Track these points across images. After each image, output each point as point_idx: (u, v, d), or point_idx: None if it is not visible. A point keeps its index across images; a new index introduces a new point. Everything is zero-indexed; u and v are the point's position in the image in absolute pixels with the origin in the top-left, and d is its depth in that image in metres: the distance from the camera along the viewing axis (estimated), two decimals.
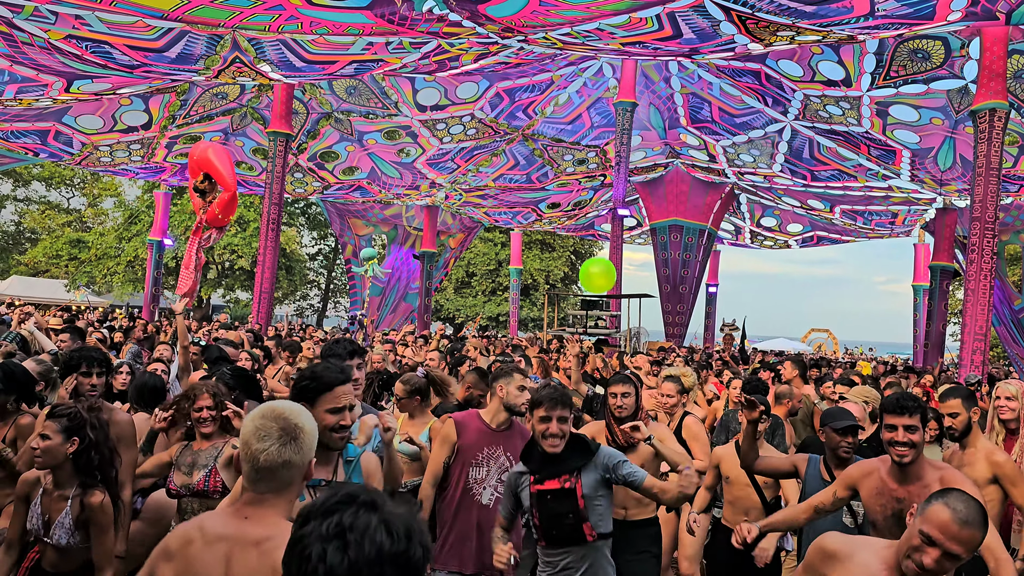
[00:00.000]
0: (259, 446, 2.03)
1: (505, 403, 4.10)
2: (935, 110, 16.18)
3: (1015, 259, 21.62)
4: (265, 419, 2.07)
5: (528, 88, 19.51)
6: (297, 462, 2.06)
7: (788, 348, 38.44)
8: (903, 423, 3.33)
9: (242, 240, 34.39)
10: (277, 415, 2.08)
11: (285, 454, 2.04)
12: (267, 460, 2.02)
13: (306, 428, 2.10)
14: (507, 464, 4.04)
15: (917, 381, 10.54)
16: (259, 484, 2.04)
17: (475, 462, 4.04)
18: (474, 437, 4.07)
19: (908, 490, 3.31)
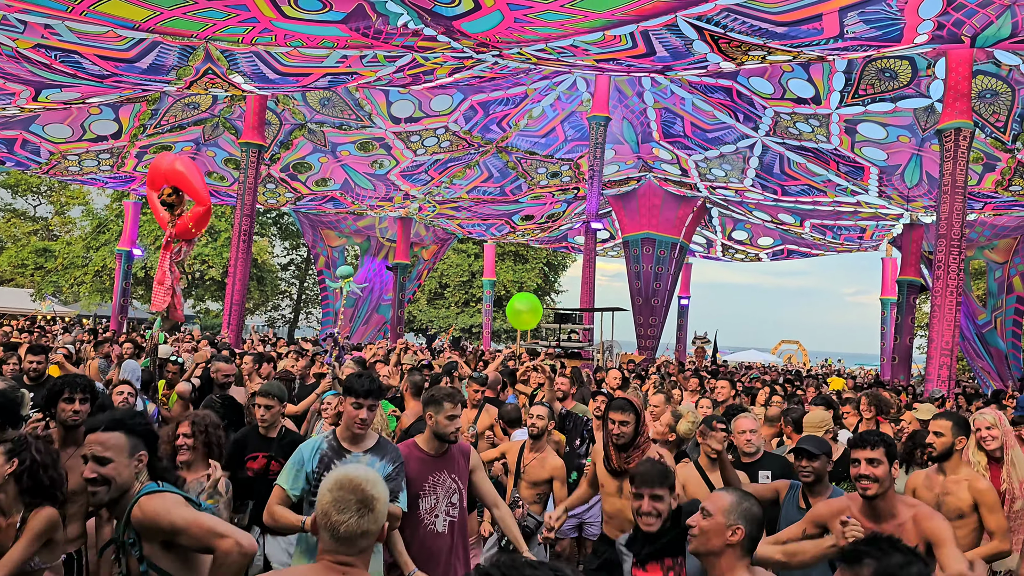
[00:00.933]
0: (339, 518, 2.16)
1: (435, 432, 4.00)
2: (902, 128, 16.47)
3: (979, 274, 22.03)
4: (343, 490, 2.19)
5: (502, 101, 19.58)
6: (374, 531, 2.21)
7: (758, 360, 38.85)
8: (865, 456, 3.36)
9: (213, 250, 34.05)
10: (355, 487, 2.20)
11: (364, 525, 2.18)
12: (347, 531, 2.16)
13: (381, 498, 2.23)
14: (454, 486, 3.97)
15: (897, 400, 10.68)
16: (339, 550, 2.19)
17: (422, 493, 3.94)
18: (417, 468, 3.96)
19: (883, 528, 3.29)
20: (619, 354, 19.98)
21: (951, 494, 4.15)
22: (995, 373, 20.98)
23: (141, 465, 2.75)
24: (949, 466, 4.32)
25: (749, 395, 9.72)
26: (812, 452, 4.14)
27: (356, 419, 3.66)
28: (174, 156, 7.74)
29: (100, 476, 2.66)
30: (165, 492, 2.75)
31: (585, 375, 10.67)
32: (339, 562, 2.18)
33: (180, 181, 7.36)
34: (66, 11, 11.26)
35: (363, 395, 3.67)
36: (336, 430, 3.76)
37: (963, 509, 4.09)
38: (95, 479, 2.65)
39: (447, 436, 3.98)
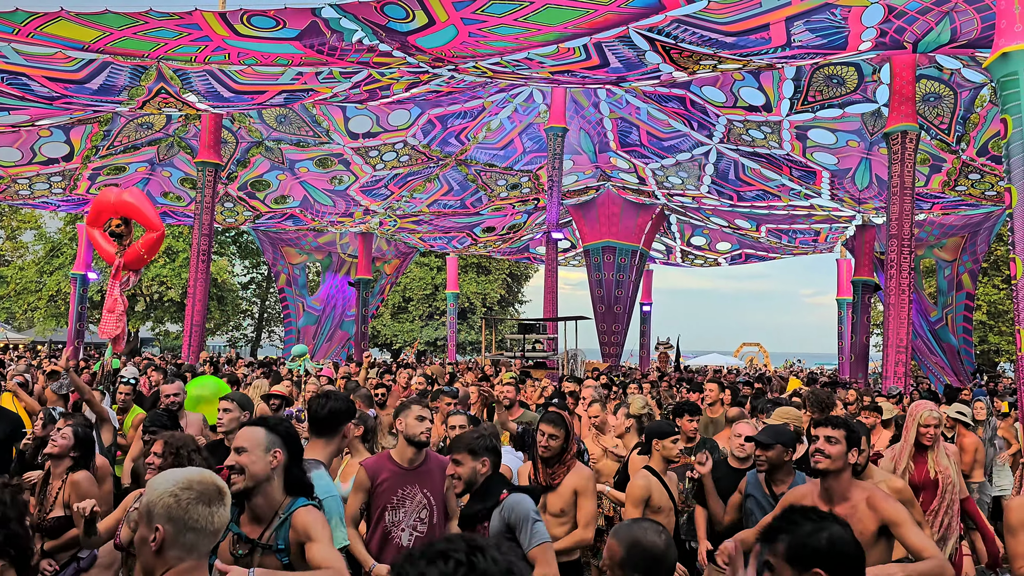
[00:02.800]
0: (209, 510, 2.12)
1: (405, 436, 4.01)
2: (851, 133, 16.88)
3: (930, 272, 22.61)
4: (202, 484, 2.13)
5: (460, 115, 19.65)
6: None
7: (721, 363, 39.31)
8: (824, 433, 3.52)
9: (171, 271, 33.54)
10: (210, 479, 2.19)
11: (227, 514, 2.20)
12: (220, 521, 2.14)
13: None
14: (424, 502, 3.96)
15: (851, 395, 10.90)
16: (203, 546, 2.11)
17: (391, 505, 3.94)
18: (388, 480, 3.96)
19: (835, 511, 3.43)
20: (584, 362, 20.11)
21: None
22: (949, 368, 21.51)
23: (276, 462, 2.88)
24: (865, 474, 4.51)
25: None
26: (764, 442, 4.31)
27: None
28: (118, 189, 7.82)
29: (236, 464, 2.86)
30: (316, 509, 2.96)
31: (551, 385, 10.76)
32: (192, 569, 2.05)
33: (130, 211, 7.40)
34: (12, 33, 11.10)
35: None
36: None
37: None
38: (233, 467, 2.86)
39: (416, 438, 3.98)
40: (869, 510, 3.39)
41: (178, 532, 2.02)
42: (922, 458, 4.96)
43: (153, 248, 7.47)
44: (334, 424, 3.56)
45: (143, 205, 7.40)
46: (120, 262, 7.34)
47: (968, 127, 15.70)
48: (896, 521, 3.35)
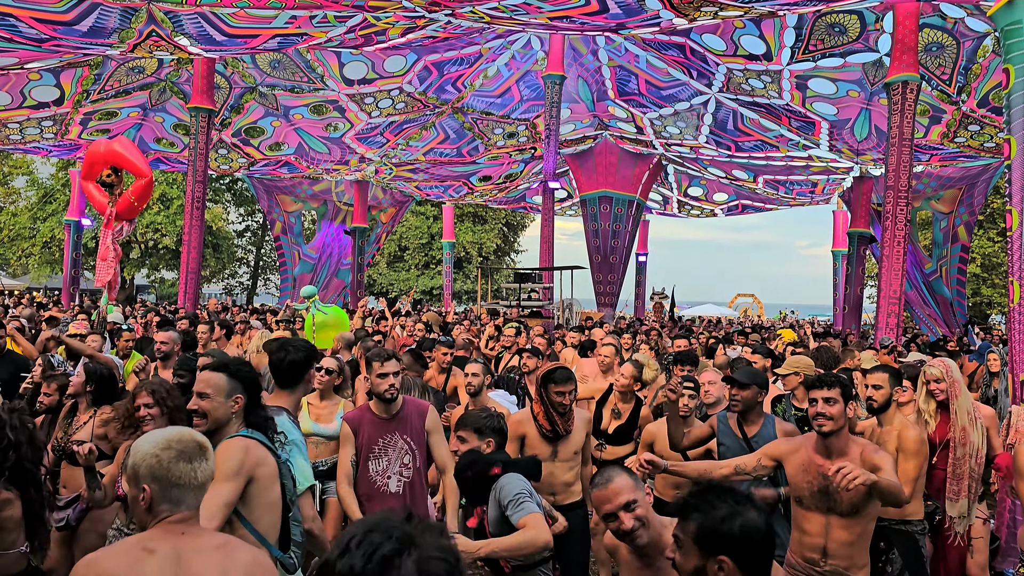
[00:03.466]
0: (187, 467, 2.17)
1: (372, 391, 4.09)
2: (851, 83, 16.71)
3: (926, 224, 22.61)
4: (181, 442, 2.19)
5: (457, 61, 19.38)
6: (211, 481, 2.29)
7: (715, 314, 39.52)
8: (822, 395, 3.55)
9: (166, 218, 33.39)
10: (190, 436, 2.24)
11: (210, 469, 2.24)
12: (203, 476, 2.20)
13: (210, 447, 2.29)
14: (406, 448, 4.02)
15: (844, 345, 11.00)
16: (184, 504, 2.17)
17: (372, 455, 4.01)
18: (368, 430, 4.03)
19: (834, 463, 3.46)
20: (579, 312, 20.21)
21: (883, 443, 4.36)
22: (941, 320, 21.68)
23: (237, 406, 2.92)
24: (886, 417, 4.54)
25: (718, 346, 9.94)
26: (741, 382, 4.38)
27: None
28: (106, 140, 7.85)
29: (199, 408, 2.91)
30: (249, 440, 2.93)
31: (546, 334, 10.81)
32: (180, 520, 2.14)
33: (119, 160, 7.41)
34: None
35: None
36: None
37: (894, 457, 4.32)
38: (196, 411, 2.91)
39: (381, 394, 4.03)
40: (863, 463, 3.45)
41: (164, 490, 2.12)
42: (945, 415, 4.95)
43: (143, 195, 7.49)
44: (297, 375, 3.62)
45: (131, 153, 7.44)
46: (112, 211, 7.35)
47: (969, 78, 15.55)
48: (878, 467, 3.42)
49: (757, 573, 1.99)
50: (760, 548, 1.98)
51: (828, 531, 3.48)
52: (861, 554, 3.50)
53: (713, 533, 1.98)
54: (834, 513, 3.47)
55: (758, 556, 1.99)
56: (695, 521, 2.02)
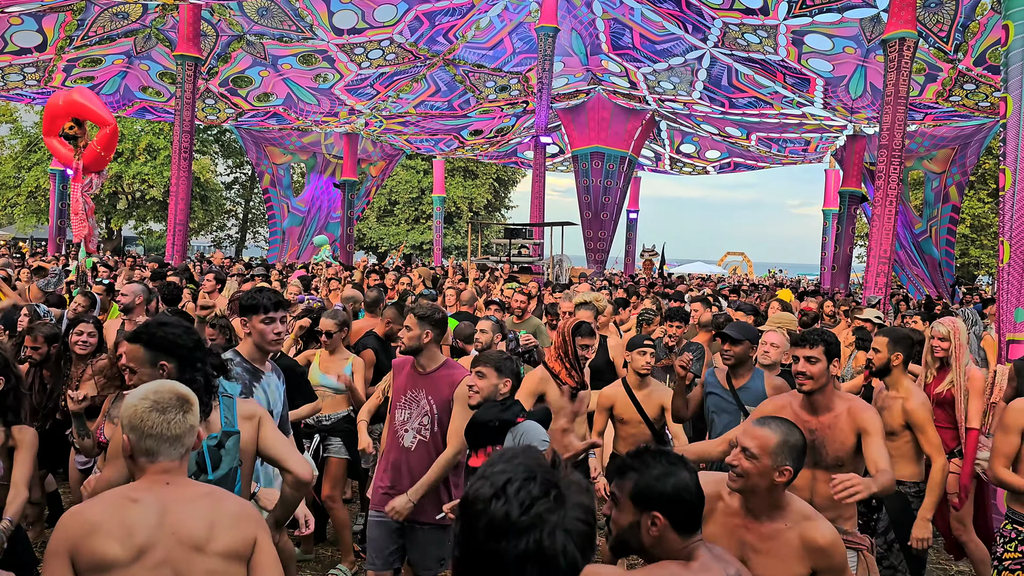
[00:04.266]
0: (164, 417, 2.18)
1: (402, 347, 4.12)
2: (848, 39, 16.53)
3: (917, 184, 22.60)
4: (159, 393, 2.21)
5: (448, 12, 19.03)
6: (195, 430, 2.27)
7: (704, 272, 39.62)
8: (804, 354, 3.56)
9: (153, 169, 32.98)
10: (169, 388, 2.24)
11: (190, 420, 2.23)
12: (178, 428, 2.19)
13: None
14: (427, 408, 3.98)
15: (822, 303, 11.04)
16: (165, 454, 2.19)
17: (399, 404, 4.05)
18: (402, 380, 4.07)
19: (819, 421, 3.53)
20: (569, 268, 20.21)
21: (887, 409, 4.38)
22: (929, 280, 21.80)
23: (165, 373, 2.80)
24: (890, 381, 4.55)
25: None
26: (734, 337, 4.41)
27: (270, 334, 3.52)
28: (64, 92, 7.65)
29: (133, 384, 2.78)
30: None
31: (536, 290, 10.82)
32: (163, 471, 2.18)
33: (79, 110, 7.25)
34: None
35: (273, 308, 3.52)
36: (241, 351, 3.59)
37: (894, 427, 4.31)
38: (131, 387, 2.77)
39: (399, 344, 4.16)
40: (849, 419, 3.47)
41: (139, 440, 2.16)
42: (943, 373, 5.02)
43: (109, 144, 7.37)
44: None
45: (91, 101, 7.26)
46: (79, 164, 7.24)
47: (967, 35, 15.40)
48: (867, 430, 3.44)
49: (687, 529, 2.11)
50: (691, 506, 2.11)
51: (813, 485, 3.52)
52: (848, 506, 3.50)
53: (647, 490, 2.08)
54: (819, 467, 3.50)
55: (689, 513, 2.11)
56: (631, 480, 2.11)
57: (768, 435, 2.61)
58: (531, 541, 1.32)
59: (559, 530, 1.33)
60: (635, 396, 4.88)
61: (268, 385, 3.55)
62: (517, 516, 1.32)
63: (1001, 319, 5.85)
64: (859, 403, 3.58)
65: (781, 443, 2.59)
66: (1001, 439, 3.84)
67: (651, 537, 2.09)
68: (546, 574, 1.33)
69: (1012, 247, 5.73)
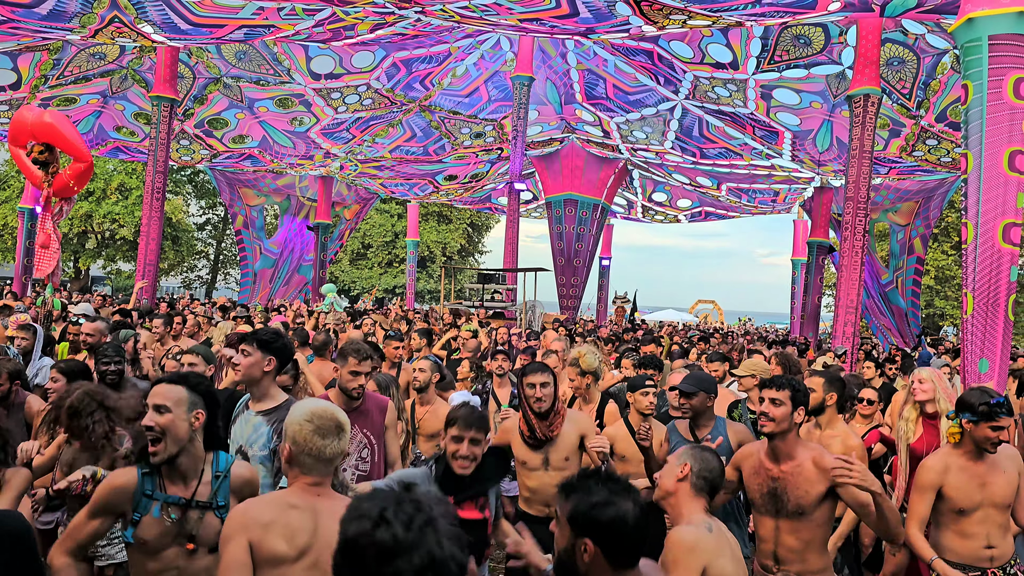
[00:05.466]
0: (324, 442, 2.49)
1: (340, 386, 4.03)
2: (815, 94, 16.98)
3: (883, 236, 23.08)
4: (322, 418, 2.51)
5: (425, 59, 19.29)
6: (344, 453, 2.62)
7: (676, 319, 39.89)
8: (769, 395, 3.55)
9: (124, 209, 32.70)
10: (330, 414, 2.55)
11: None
12: (332, 452, 2.51)
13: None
14: (364, 441, 3.99)
15: (803, 352, 11.15)
16: (319, 471, 2.51)
17: None
18: None
19: (781, 468, 3.50)
20: (542, 314, 20.23)
21: (825, 446, 4.40)
22: (896, 330, 22.12)
23: (198, 423, 2.78)
24: (823, 420, 4.61)
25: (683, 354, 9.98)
26: (687, 391, 4.41)
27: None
28: (41, 109, 7.20)
29: (156, 426, 2.74)
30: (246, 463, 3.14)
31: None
32: (315, 483, 2.49)
33: (52, 136, 6.84)
34: None
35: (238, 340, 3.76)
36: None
37: None
38: (151, 428, 2.74)
39: (349, 392, 3.99)
40: (816, 470, 3.41)
41: (299, 453, 2.49)
42: (932, 426, 4.84)
43: (82, 179, 7.04)
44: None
45: (67, 131, 6.84)
46: (48, 191, 6.93)
47: (929, 93, 15.90)
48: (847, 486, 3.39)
49: (621, 562, 2.08)
50: (625, 539, 2.07)
51: (777, 536, 3.48)
52: (816, 558, 3.45)
53: (584, 515, 2.08)
54: (782, 516, 3.45)
55: (623, 546, 2.08)
56: (571, 502, 2.11)
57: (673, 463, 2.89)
58: (423, 554, 1.40)
59: (443, 538, 1.43)
60: (635, 435, 4.75)
61: None
62: (403, 535, 1.41)
63: (966, 369, 5.95)
64: (823, 451, 3.53)
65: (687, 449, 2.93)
66: (915, 498, 3.82)
67: (584, 563, 2.07)
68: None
69: (975, 299, 5.86)
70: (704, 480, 2.84)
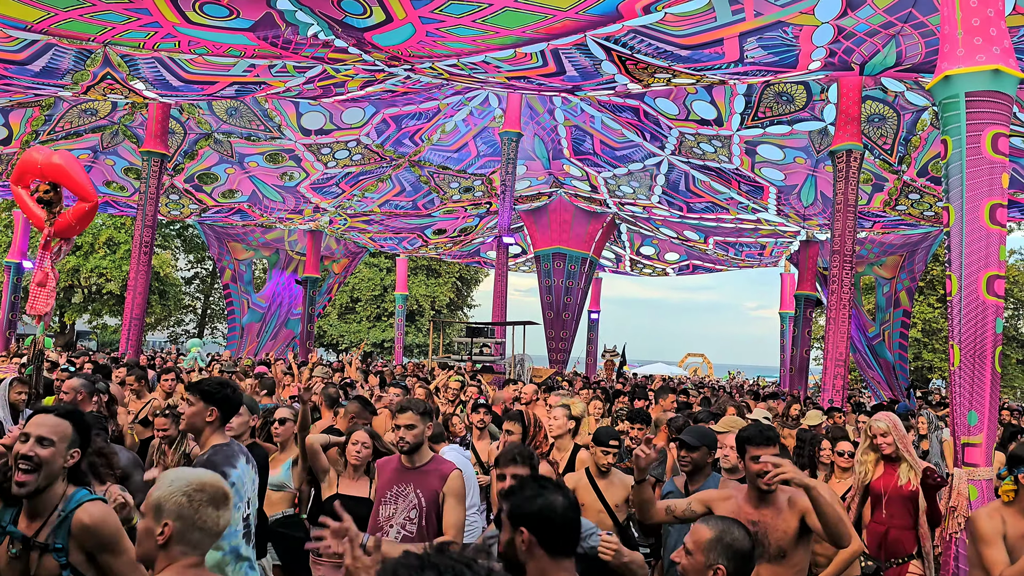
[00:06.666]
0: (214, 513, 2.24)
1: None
2: (798, 150, 17.26)
3: (869, 289, 23.23)
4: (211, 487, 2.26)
5: (415, 115, 19.54)
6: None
7: (666, 373, 39.79)
8: (772, 453, 3.54)
9: (112, 263, 32.63)
10: (215, 482, 2.30)
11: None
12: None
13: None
14: (415, 501, 3.95)
15: (789, 405, 11.09)
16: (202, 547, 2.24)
17: (384, 499, 4.01)
18: (387, 475, 4.06)
19: (762, 513, 3.54)
20: (530, 368, 20.15)
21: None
22: (884, 383, 22.12)
23: (71, 462, 2.68)
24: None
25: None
26: (691, 444, 4.37)
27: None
28: (47, 150, 7.20)
29: (35, 456, 2.61)
30: (105, 503, 2.78)
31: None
32: (197, 564, 2.21)
33: (60, 176, 6.81)
34: None
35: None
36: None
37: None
38: (31, 458, 2.60)
39: (391, 446, 4.15)
40: (790, 508, 3.50)
41: (186, 530, 2.20)
42: (892, 467, 5.06)
43: (85, 219, 6.96)
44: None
45: (74, 170, 6.82)
46: (50, 230, 6.86)
47: (910, 148, 16.19)
48: (808, 509, 3.44)
49: (556, 548, 2.30)
50: (555, 526, 2.31)
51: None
52: None
53: (518, 508, 2.34)
54: (762, 560, 3.42)
55: (556, 533, 2.31)
56: (509, 501, 2.38)
57: (703, 528, 2.73)
58: None
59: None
60: (597, 484, 4.77)
61: None
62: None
63: (955, 422, 5.92)
64: (795, 491, 3.55)
65: (715, 539, 2.68)
66: (987, 552, 3.73)
67: (523, 552, 2.29)
68: None
69: (962, 351, 5.86)
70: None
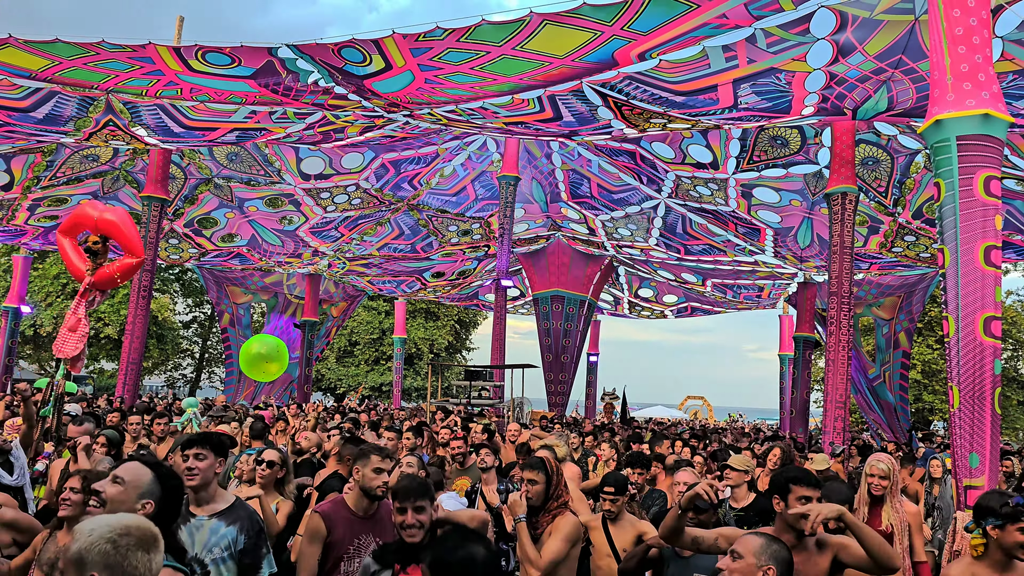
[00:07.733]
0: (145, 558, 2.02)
1: (362, 487, 3.88)
2: (794, 192, 17.40)
3: (868, 330, 23.22)
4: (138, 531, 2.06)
5: (414, 160, 19.74)
6: None
7: (665, 416, 39.54)
8: (817, 497, 3.57)
9: (110, 307, 32.64)
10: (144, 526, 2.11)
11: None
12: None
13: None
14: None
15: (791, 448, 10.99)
16: None
17: (347, 555, 3.77)
18: (343, 529, 3.80)
19: (796, 558, 3.44)
20: (530, 411, 20.03)
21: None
22: (886, 425, 21.98)
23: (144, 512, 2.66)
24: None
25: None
26: (702, 507, 4.32)
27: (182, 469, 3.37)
28: (101, 205, 7.53)
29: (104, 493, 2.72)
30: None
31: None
32: None
33: (113, 231, 7.10)
34: None
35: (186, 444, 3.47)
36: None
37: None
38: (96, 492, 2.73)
39: (372, 491, 3.84)
40: (819, 551, 3.46)
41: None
42: (877, 509, 5.06)
43: (128, 274, 7.18)
44: None
45: (127, 226, 7.08)
46: (90, 280, 7.00)
47: (904, 191, 16.32)
48: (842, 544, 3.45)
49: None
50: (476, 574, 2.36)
51: None
52: None
53: (439, 560, 2.38)
54: None
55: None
56: (430, 555, 2.42)
57: (751, 538, 2.91)
58: None
59: None
60: (608, 529, 4.75)
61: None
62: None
63: (957, 465, 5.88)
64: (821, 532, 3.57)
65: (764, 545, 2.86)
66: None
67: None
68: None
69: (961, 393, 5.85)
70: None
